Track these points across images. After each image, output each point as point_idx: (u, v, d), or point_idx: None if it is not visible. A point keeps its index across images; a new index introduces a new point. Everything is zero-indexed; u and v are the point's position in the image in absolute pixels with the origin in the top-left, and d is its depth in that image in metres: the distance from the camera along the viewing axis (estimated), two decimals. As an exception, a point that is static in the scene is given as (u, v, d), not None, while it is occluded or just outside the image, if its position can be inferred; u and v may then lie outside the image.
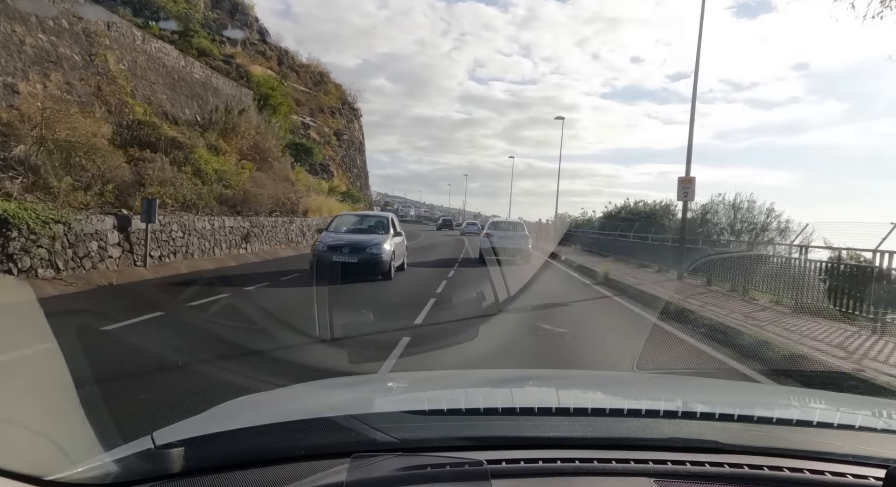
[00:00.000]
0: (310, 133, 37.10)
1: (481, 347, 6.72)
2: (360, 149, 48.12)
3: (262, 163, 21.81)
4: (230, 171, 17.29)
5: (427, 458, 1.19)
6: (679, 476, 1.19)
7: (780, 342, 7.47)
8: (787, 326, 8.91)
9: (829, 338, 8.10)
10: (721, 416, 1.45)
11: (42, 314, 6.37)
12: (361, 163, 47.83)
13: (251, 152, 21.04)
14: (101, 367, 4.83)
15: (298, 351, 6.08)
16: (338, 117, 44.16)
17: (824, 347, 7.38)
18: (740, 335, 7.89)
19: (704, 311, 9.87)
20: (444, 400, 1.73)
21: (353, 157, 44.24)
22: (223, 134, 19.62)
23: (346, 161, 41.83)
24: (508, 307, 9.97)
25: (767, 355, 6.89)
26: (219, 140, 19.10)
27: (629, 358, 5.97)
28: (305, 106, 39.91)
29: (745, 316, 9.68)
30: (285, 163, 24.78)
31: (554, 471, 1.19)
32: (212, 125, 19.65)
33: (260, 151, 21.64)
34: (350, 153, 43.77)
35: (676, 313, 9.85)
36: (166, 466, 1.19)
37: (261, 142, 22.11)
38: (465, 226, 58.65)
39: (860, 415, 1.63)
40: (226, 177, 16.97)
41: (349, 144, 43.72)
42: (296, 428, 1.35)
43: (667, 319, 9.57)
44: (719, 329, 8.42)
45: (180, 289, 10.51)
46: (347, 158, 42.75)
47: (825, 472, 1.22)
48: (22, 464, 1.14)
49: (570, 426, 1.40)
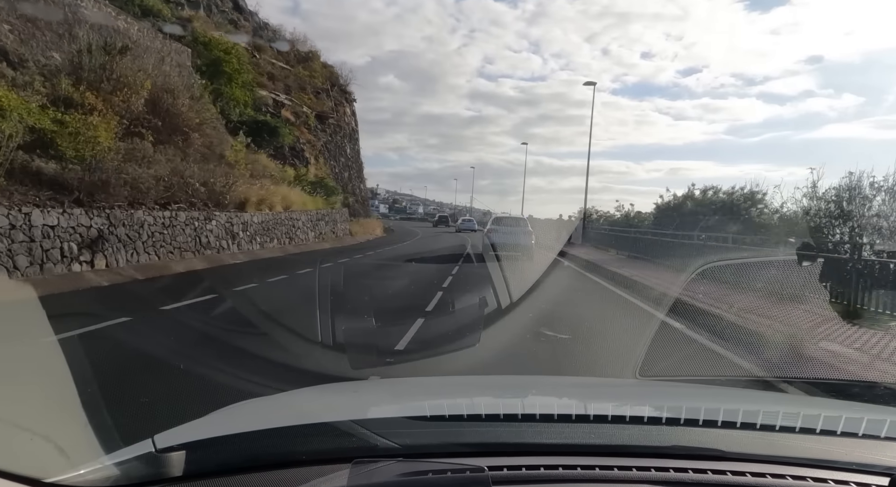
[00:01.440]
0: (282, 112, 30.39)
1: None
2: (352, 136, 41.38)
3: (173, 134, 15.13)
4: (63, 133, 10.46)
5: (428, 464, 1.18)
6: (681, 484, 1.20)
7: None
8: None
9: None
10: (724, 423, 1.44)
11: None
12: (353, 153, 41.06)
13: (148, 117, 14.37)
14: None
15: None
16: (324, 98, 37.38)
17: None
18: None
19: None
20: (445, 406, 1.67)
21: (340, 145, 37.42)
22: (95, 84, 12.89)
23: (329, 147, 34.97)
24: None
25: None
26: (84, 92, 12.37)
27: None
28: (281, 82, 33.20)
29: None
30: (219, 138, 18.05)
31: (556, 478, 1.19)
32: (78, 71, 12.94)
33: (167, 116, 14.96)
34: (337, 139, 36.96)
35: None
36: (167, 470, 1.18)
37: (174, 105, 15.44)
38: (461, 222, 54.48)
39: (864, 422, 1.53)
40: (52, 138, 10.19)
41: (336, 129, 36.89)
42: (297, 433, 1.34)
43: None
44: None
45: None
46: (333, 145, 35.91)
47: (828, 480, 1.22)
48: (22, 466, 1.14)
49: (572, 432, 1.40)
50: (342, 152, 37.61)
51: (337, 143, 36.80)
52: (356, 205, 37.49)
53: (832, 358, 6.07)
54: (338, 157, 36.45)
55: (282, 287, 10.85)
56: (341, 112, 39.00)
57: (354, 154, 41.49)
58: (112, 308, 7.28)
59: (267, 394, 2.02)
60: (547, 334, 6.94)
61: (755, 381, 5.26)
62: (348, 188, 35.30)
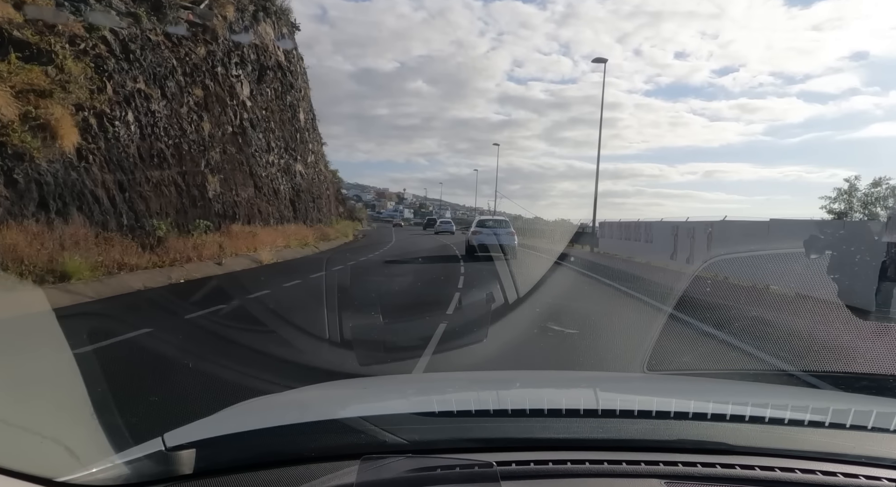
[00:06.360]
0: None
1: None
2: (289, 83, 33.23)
3: None
4: None
5: (437, 460, 1.19)
6: (690, 478, 1.19)
7: None
8: None
9: None
10: (732, 417, 1.43)
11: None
12: (285, 105, 33.50)
13: None
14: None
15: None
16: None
17: None
18: None
19: None
20: (453, 402, 1.66)
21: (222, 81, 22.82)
22: None
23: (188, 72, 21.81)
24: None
25: None
26: None
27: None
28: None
29: None
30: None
31: (564, 473, 1.19)
32: None
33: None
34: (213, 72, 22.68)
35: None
36: (177, 468, 1.19)
37: None
38: (439, 224, 52.33)
39: (873, 416, 1.49)
40: None
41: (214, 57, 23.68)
42: (306, 430, 1.37)
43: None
44: None
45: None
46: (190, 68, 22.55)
47: (837, 473, 1.21)
48: (34, 466, 1.15)
49: (579, 427, 1.40)
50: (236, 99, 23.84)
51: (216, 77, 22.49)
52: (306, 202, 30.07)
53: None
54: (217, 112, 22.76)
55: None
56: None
57: (288, 108, 31.48)
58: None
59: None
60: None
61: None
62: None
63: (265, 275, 13.64)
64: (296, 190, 30.91)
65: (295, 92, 32.95)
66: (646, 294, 11.33)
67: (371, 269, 16.11)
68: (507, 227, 21.44)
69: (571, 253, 23.69)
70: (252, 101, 25.42)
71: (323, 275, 13.52)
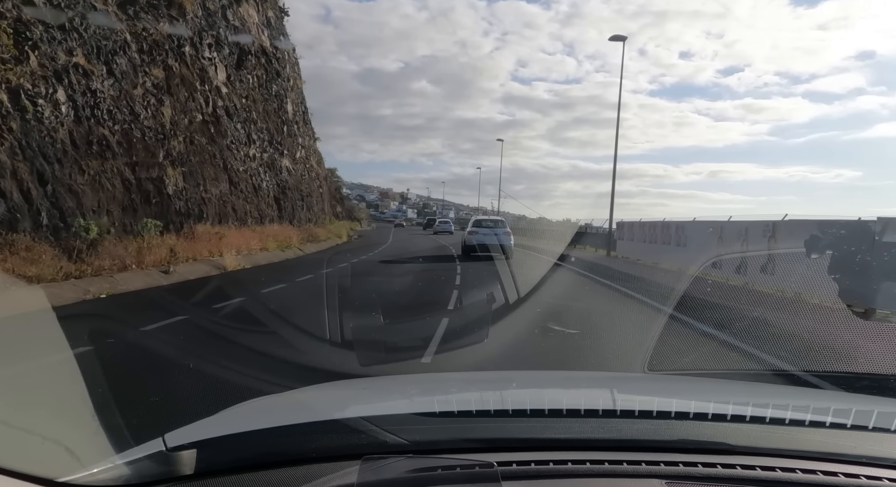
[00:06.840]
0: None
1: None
2: (275, 72, 32.10)
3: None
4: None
5: (438, 460, 1.19)
6: (691, 478, 1.18)
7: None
8: None
9: None
10: (733, 417, 1.42)
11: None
12: (272, 98, 31.81)
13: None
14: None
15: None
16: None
17: None
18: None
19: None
20: (454, 402, 1.66)
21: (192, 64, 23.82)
22: None
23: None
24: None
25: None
26: None
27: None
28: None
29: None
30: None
31: (565, 473, 1.19)
32: None
33: None
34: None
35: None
36: (178, 468, 1.18)
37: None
38: (438, 224, 51.26)
39: (874, 415, 1.48)
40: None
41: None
42: (307, 430, 1.35)
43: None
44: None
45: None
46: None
47: (838, 473, 1.20)
48: (35, 466, 1.15)
49: (580, 427, 1.39)
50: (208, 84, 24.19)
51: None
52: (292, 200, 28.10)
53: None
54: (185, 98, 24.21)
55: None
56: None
57: (276, 100, 32.06)
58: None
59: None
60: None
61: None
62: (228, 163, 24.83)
63: (215, 288, 11.08)
64: (281, 187, 28.35)
65: (282, 81, 30.50)
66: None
67: (357, 275, 13.51)
68: (504, 227, 21.41)
69: (582, 257, 22.60)
70: (229, 88, 22.87)
71: (282, 288, 11.02)
